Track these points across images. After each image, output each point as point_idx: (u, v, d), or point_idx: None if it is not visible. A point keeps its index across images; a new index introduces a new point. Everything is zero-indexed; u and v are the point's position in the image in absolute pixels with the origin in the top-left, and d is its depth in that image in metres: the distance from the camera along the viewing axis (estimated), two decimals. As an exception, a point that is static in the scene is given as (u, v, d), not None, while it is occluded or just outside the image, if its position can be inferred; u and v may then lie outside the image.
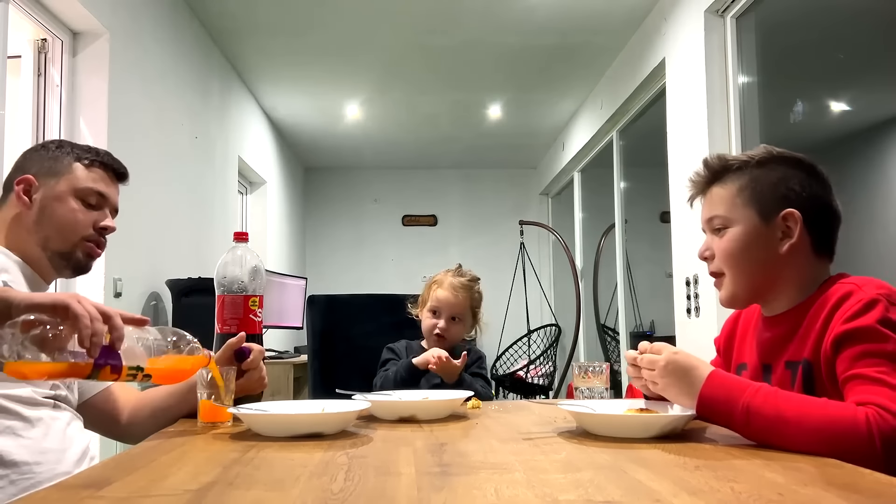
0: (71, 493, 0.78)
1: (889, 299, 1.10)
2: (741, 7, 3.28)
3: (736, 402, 1.05)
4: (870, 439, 0.96)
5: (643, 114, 4.62)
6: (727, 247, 1.26)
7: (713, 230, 1.29)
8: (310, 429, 1.16)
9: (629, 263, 5.15)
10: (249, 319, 1.41)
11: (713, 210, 1.28)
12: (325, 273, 7.34)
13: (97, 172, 1.47)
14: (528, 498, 0.75)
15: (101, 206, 1.47)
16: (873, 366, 1.05)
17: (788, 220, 1.22)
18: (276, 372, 3.93)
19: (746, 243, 1.24)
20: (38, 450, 1.27)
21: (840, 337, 1.10)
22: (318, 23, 4.23)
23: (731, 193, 1.26)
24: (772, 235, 1.23)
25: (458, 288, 1.98)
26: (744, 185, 1.25)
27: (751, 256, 1.24)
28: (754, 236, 1.24)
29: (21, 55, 2.83)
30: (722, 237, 1.27)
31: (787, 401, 1.03)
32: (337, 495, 0.77)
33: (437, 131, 6.49)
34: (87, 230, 1.44)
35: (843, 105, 5.50)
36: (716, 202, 1.28)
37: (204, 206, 4.26)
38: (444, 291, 1.98)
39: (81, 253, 1.44)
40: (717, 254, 1.28)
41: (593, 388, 1.49)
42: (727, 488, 0.79)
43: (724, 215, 1.26)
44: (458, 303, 1.98)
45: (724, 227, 1.26)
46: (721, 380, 1.10)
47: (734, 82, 3.35)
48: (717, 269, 1.29)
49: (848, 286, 1.16)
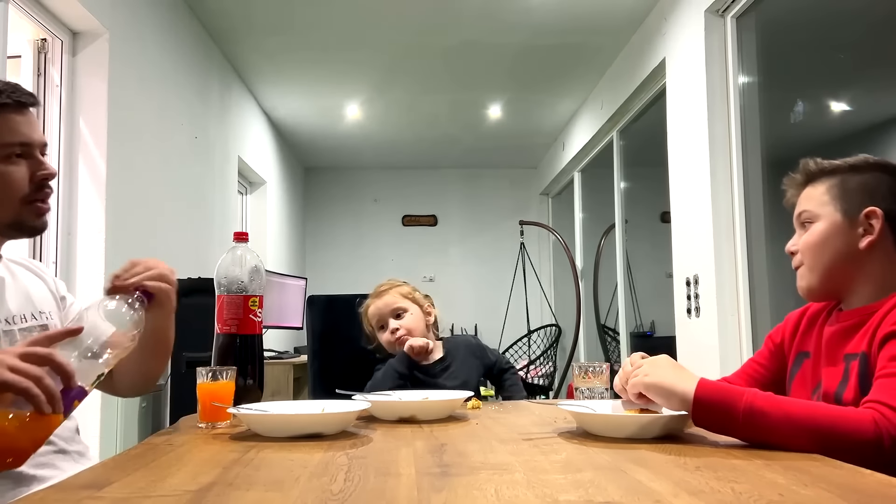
0: (70, 494, 0.78)
1: None
2: (741, 7, 3.28)
3: (736, 403, 1.05)
4: (877, 438, 0.96)
5: (643, 114, 4.62)
6: (808, 239, 1.30)
7: (800, 225, 1.34)
8: (310, 429, 1.16)
9: (629, 263, 5.15)
10: (249, 319, 1.40)
11: (803, 205, 1.33)
12: (325, 273, 7.34)
13: (8, 118, 1.27)
14: (528, 498, 0.75)
15: (30, 154, 1.30)
16: None
17: (871, 217, 1.26)
18: (276, 372, 3.93)
19: (827, 236, 1.28)
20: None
21: (887, 335, 1.13)
22: (318, 22, 4.23)
23: (820, 191, 1.31)
24: (853, 231, 1.27)
25: (379, 294, 1.97)
26: (833, 185, 1.30)
27: (830, 249, 1.28)
28: (835, 230, 1.28)
29: (21, 55, 2.83)
30: (807, 231, 1.31)
31: (791, 401, 1.05)
32: (337, 496, 0.77)
33: (438, 131, 6.49)
34: (24, 189, 1.28)
35: (844, 105, 5.49)
36: (807, 199, 1.33)
37: (204, 206, 4.26)
38: (371, 309, 1.96)
39: (29, 216, 1.30)
40: (801, 248, 1.32)
41: (593, 388, 1.49)
42: (727, 489, 0.79)
43: (811, 210, 1.31)
44: (387, 301, 1.94)
45: (810, 222, 1.31)
46: (712, 385, 1.11)
47: (734, 82, 3.35)
48: (798, 261, 1.33)
49: None
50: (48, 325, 1.39)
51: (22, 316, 1.34)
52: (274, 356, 4.27)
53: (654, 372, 1.16)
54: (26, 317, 1.35)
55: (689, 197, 3.57)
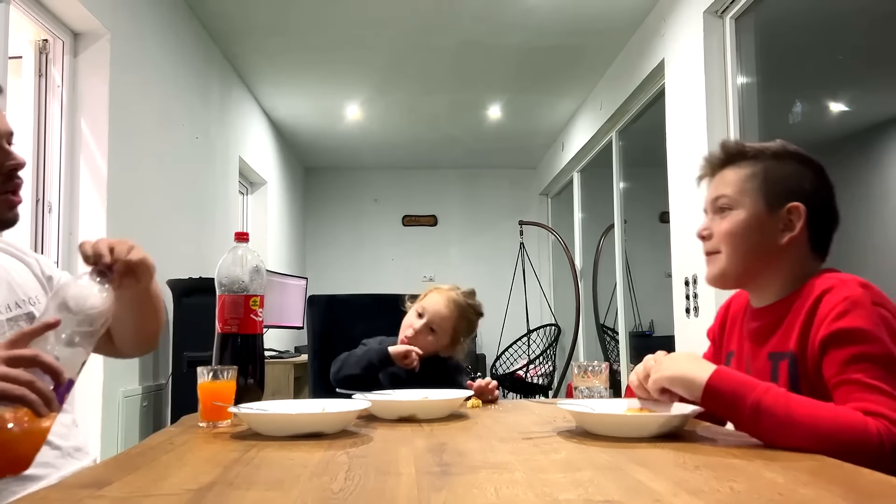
0: (70, 493, 0.78)
1: (872, 299, 1.11)
2: (740, 8, 3.28)
3: (744, 398, 1.06)
4: (880, 451, 0.97)
5: (643, 114, 4.62)
6: (729, 227, 1.28)
7: (716, 210, 1.31)
8: (310, 428, 1.16)
9: (628, 263, 5.15)
10: (250, 319, 1.41)
11: (721, 190, 1.30)
12: (325, 273, 7.34)
13: None
14: (527, 497, 0.76)
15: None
16: (864, 371, 1.06)
17: (793, 212, 1.25)
18: (277, 372, 3.94)
19: (749, 227, 1.26)
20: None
21: (827, 338, 1.11)
22: (318, 23, 4.24)
23: (742, 177, 1.28)
24: (774, 225, 1.25)
25: (452, 301, 1.88)
26: (756, 172, 1.28)
27: (750, 240, 1.26)
28: (757, 222, 1.26)
29: (22, 56, 2.84)
30: (724, 218, 1.29)
31: (798, 404, 1.04)
32: (337, 495, 0.77)
33: (437, 131, 6.49)
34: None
35: (843, 105, 5.49)
36: (725, 183, 1.30)
37: (204, 206, 4.26)
38: (439, 297, 1.89)
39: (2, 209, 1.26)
40: (716, 234, 1.30)
41: (593, 387, 1.49)
42: (727, 488, 0.79)
43: (732, 196, 1.28)
44: (444, 315, 1.86)
45: (729, 209, 1.28)
46: (728, 375, 1.11)
47: (733, 83, 3.35)
48: (713, 247, 1.30)
49: (830, 280, 1.17)
50: (34, 313, 1.37)
51: (7, 306, 1.32)
52: (274, 356, 4.28)
53: (674, 365, 1.16)
54: (11, 306, 1.33)
55: (688, 197, 3.58)
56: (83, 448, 1.38)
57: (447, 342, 1.88)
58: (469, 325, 1.91)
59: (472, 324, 1.92)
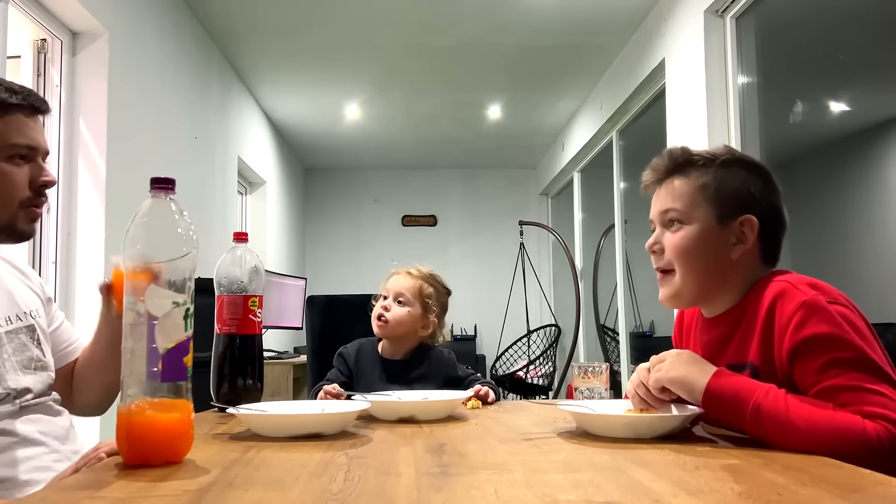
0: (70, 494, 0.78)
1: (827, 299, 1.10)
2: (741, 7, 3.28)
3: (745, 402, 1.05)
4: (880, 452, 0.97)
5: (643, 114, 4.62)
6: (681, 244, 1.23)
7: (665, 223, 1.26)
8: (309, 429, 1.16)
9: (629, 264, 5.15)
10: (249, 320, 1.40)
11: (670, 202, 1.26)
12: (324, 273, 7.34)
13: (18, 119, 1.26)
14: (527, 498, 0.75)
15: (33, 158, 1.28)
16: (840, 375, 1.05)
17: (745, 225, 1.22)
18: (276, 372, 3.93)
19: (701, 243, 1.22)
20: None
21: (794, 348, 1.09)
22: (318, 23, 4.23)
23: (692, 189, 1.24)
24: (725, 239, 1.22)
25: (410, 273, 1.89)
26: (706, 184, 1.24)
27: (703, 257, 1.23)
28: (709, 237, 1.22)
29: (21, 55, 2.83)
30: (675, 232, 1.24)
31: (797, 406, 1.03)
32: (336, 495, 0.77)
33: (437, 131, 6.49)
34: (24, 192, 1.27)
35: (843, 105, 5.50)
36: (674, 195, 1.26)
37: (203, 206, 4.26)
38: (396, 275, 1.89)
39: (23, 220, 1.29)
40: (668, 249, 1.25)
41: (593, 388, 1.49)
42: (727, 488, 0.79)
43: (682, 210, 1.24)
44: (405, 284, 1.85)
45: (679, 223, 1.24)
46: (727, 378, 1.10)
47: (734, 82, 3.35)
48: (667, 264, 1.26)
49: (781, 284, 1.15)
50: (34, 326, 1.37)
51: (7, 318, 1.33)
52: (274, 356, 4.27)
53: (675, 367, 1.15)
54: (11, 318, 1.34)
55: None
56: (80, 451, 1.37)
57: (420, 311, 1.84)
58: (436, 292, 1.89)
59: (438, 291, 1.91)
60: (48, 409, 1.35)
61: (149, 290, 0.91)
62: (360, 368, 1.83)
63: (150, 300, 0.91)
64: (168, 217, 0.96)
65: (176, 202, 0.96)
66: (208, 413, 1.42)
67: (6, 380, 1.27)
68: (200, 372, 1.32)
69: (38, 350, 1.37)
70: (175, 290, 0.92)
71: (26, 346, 1.34)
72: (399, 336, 1.84)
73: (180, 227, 0.95)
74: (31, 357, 1.34)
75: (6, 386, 1.27)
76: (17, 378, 1.30)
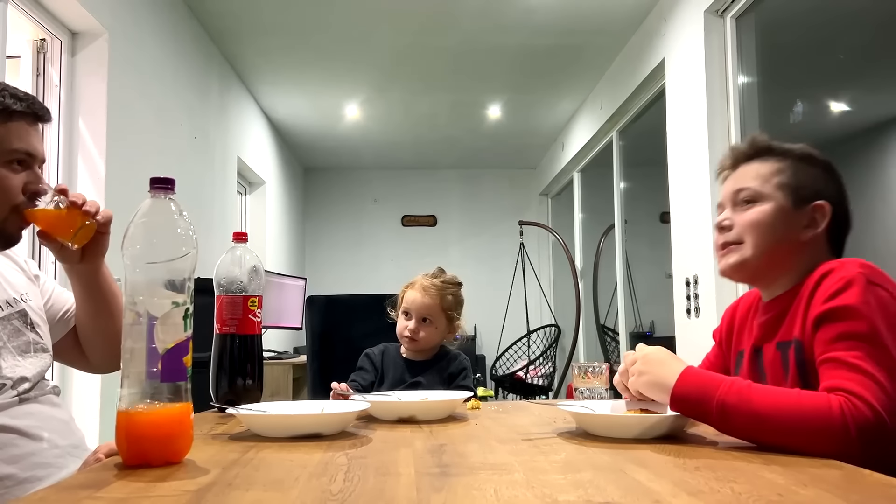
0: (69, 494, 0.78)
1: (869, 278, 1.11)
2: (741, 7, 3.28)
3: (710, 400, 1.05)
4: (844, 428, 0.96)
5: (643, 114, 4.62)
6: (755, 217, 1.27)
7: (737, 203, 1.30)
8: (309, 429, 1.16)
9: (629, 264, 5.16)
10: (249, 320, 1.40)
11: (744, 182, 1.30)
12: (324, 273, 7.34)
13: (20, 125, 1.28)
14: (527, 498, 0.75)
15: (30, 165, 1.30)
16: (849, 349, 1.05)
17: (818, 211, 1.26)
18: (276, 372, 3.93)
19: (774, 218, 1.26)
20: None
21: (819, 316, 1.11)
22: (318, 23, 4.23)
23: (769, 171, 1.29)
24: (798, 220, 1.26)
25: (429, 289, 1.94)
26: (783, 168, 1.28)
27: (774, 232, 1.26)
28: (782, 215, 1.26)
29: (20, 55, 2.83)
30: (747, 210, 1.28)
31: (760, 395, 1.03)
32: (336, 496, 0.77)
33: (437, 132, 6.49)
34: (18, 197, 1.28)
35: (843, 105, 5.50)
36: (749, 176, 1.30)
37: (203, 206, 4.26)
38: (415, 292, 1.94)
39: (13, 226, 1.30)
40: (738, 224, 1.28)
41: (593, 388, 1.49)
42: (727, 489, 0.79)
43: (757, 189, 1.28)
44: (427, 304, 1.91)
45: (752, 201, 1.28)
46: (693, 377, 1.10)
47: (734, 82, 3.35)
48: (736, 237, 1.28)
49: (830, 264, 1.17)
50: (26, 310, 1.38)
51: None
52: (273, 356, 4.27)
53: (647, 370, 1.16)
54: (2, 305, 1.34)
55: (688, 197, 3.58)
56: (80, 445, 1.38)
57: (445, 323, 1.94)
58: (454, 297, 1.97)
59: (455, 296, 1.98)
60: (48, 402, 1.36)
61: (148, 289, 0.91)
62: (385, 367, 1.94)
63: (149, 300, 0.92)
64: (168, 217, 0.96)
65: (175, 202, 0.97)
66: (208, 413, 1.42)
67: (3, 368, 1.28)
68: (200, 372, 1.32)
69: (34, 334, 1.38)
70: (175, 291, 0.92)
71: (20, 331, 1.35)
72: (429, 349, 1.95)
73: (180, 227, 0.95)
74: (27, 341, 1.35)
75: (2, 375, 1.28)
76: (15, 366, 1.31)
